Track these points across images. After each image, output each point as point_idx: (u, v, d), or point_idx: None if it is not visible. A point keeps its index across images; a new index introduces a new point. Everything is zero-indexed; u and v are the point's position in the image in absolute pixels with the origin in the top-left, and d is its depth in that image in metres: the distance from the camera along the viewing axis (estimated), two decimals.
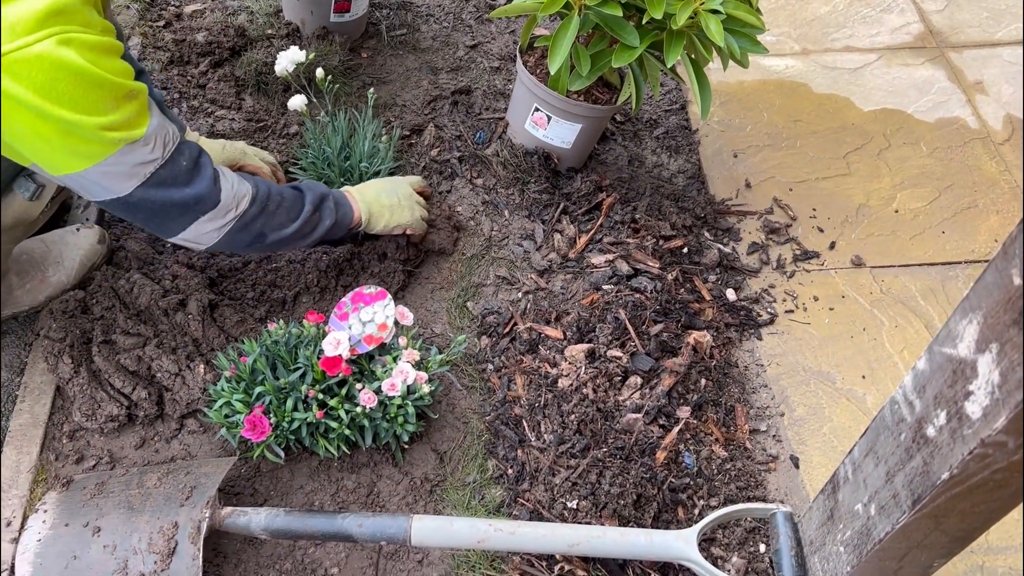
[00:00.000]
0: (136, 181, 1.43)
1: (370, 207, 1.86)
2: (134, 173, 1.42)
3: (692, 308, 1.99)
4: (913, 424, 1.08)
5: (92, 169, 1.37)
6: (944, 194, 2.39)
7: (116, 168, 1.39)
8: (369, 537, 1.47)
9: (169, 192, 1.48)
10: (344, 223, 1.80)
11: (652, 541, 1.47)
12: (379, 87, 2.48)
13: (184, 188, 1.50)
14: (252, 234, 1.64)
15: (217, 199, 1.54)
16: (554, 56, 1.87)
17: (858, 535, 1.25)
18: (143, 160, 1.42)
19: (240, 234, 1.61)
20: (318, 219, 1.74)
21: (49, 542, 1.55)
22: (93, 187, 1.43)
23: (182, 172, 1.49)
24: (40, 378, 1.79)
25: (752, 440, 1.84)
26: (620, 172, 2.34)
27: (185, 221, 1.54)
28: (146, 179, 1.43)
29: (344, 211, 1.80)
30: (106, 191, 1.43)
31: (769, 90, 2.66)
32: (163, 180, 1.46)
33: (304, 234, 1.72)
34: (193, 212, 1.53)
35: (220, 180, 1.56)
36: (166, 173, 1.46)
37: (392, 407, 1.65)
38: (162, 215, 1.51)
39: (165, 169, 1.45)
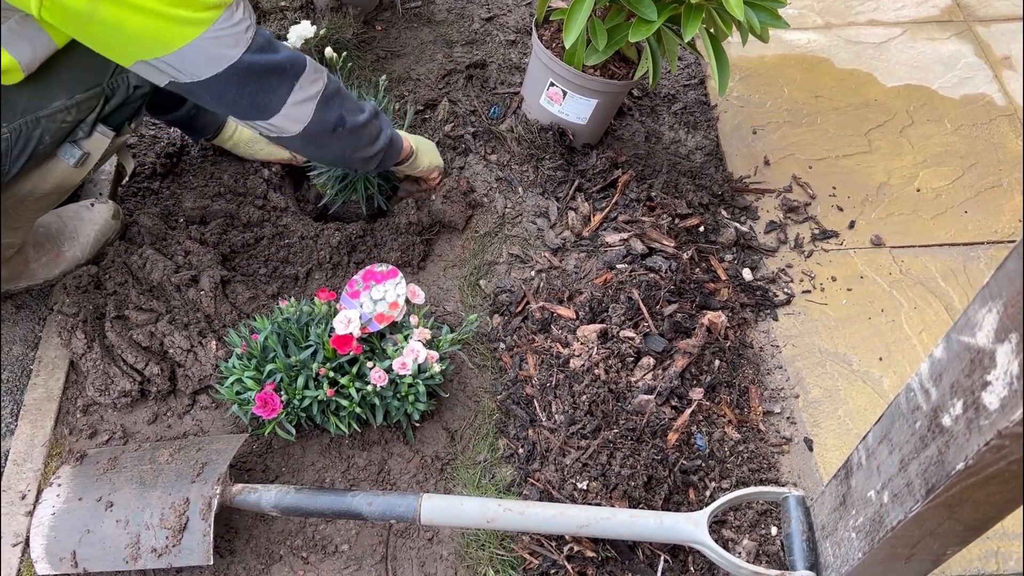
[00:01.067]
0: (242, 47, 1.42)
1: (416, 144, 1.95)
2: (239, 39, 1.41)
3: (707, 288, 1.96)
4: (929, 413, 1.06)
5: (203, 38, 1.35)
6: (968, 173, 2.34)
7: (223, 34, 1.38)
8: (379, 515, 1.47)
9: (269, 57, 1.48)
10: (397, 148, 1.85)
11: (662, 523, 1.47)
12: (393, 60, 2.45)
13: (277, 53, 1.50)
14: (335, 114, 1.64)
15: (303, 62, 1.55)
16: (570, 30, 1.84)
17: (870, 522, 1.24)
18: (243, 25, 1.41)
19: (326, 112, 1.61)
20: (380, 126, 1.77)
21: (63, 516, 1.56)
22: (201, 62, 1.40)
23: (269, 40, 1.50)
24: (54, 352, 1.80)
25: (766, 422, 1.83)
26: (636, 148, 2.31)
27: (284, 90, 1.53)
28: (250, 43, 1.43)
29: (397, 137, 1.84)
30: (217, 62, 1.41)
31: (790, 65, 2.61)
32: (261, 46, 1.46)
33: (372, 136, 1.74)
34: (289, 76, 1.53)
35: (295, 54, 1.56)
36: (262, 39, 1.47)
37: (403, 386, 1.64)
38: (266, 84, 1.50)
39: (260, 35, 1.46)
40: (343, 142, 1.70)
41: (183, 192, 2.09)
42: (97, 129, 1.62)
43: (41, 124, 1.52)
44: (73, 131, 1.59)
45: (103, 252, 1.93)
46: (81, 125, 1.59)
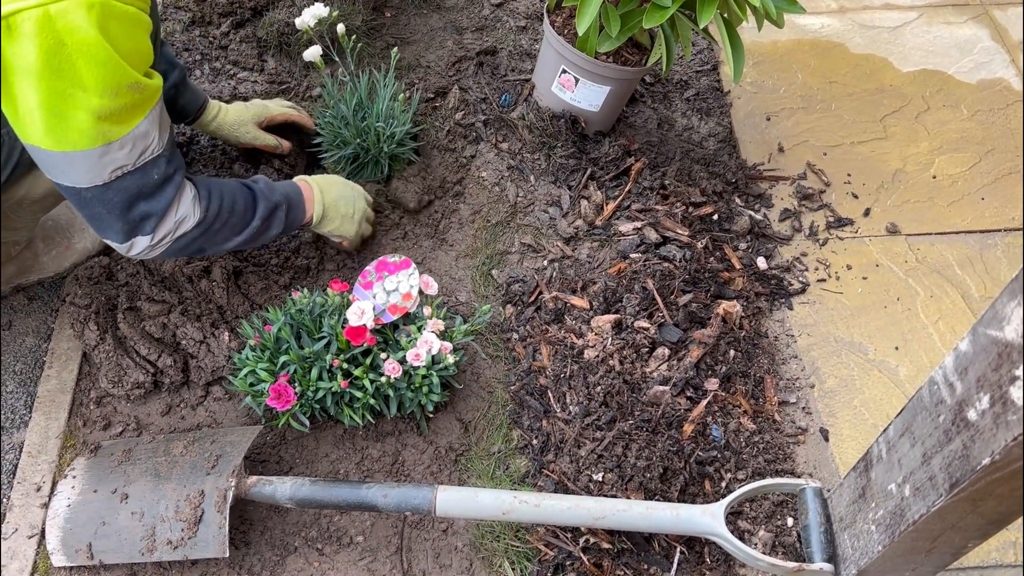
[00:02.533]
0: (98, 180, 1.36)
1: (326, 209, 1.78)
2: (98, 172, 1.35)
3: (722, 277, 1.95)
4: (953, 406, 1.05)
5: (60, 154, 1.31)
6: (984, 159, 2.31)
7: (84, 161, 1.33)
8: (394, 507, 1.47)
9: (122, 200, 1.40)
10: (292, 227, 1.73)
11: (679, 515, 1.46)
12: (403, 47, 2.43)
13: (139, 202, 1.42)
14: (191, 250, 1.56)
15: (163, 218, 1.47)
16: (582, 16, 1.81)
17: (891, 515, 1.23)
18: (115, 163, 1.35)
19: (177, 250, 1.54)
20: (264, 228, 1.65)
21: (78, 507, 1.56)
22: (54, 168, 1.36)
23: (145, 185, 1.41)
24: (67, 344, 1.80)
25: (781, 412, 1.81)
26: (649, 136, 2.29)
27: (125, 231, 1.45)
28: (108, 181, 1.36)
29: (295, 215, 1.71)
30: (64, 176, 1.36)
31: (804, 50, 2.58)
32: (124, 188, 1.39)
33: (246, 243, 1.65)
34: (138, 228, 1.46)
35: (175, 203, 1.48)
36: (132, 182, 1.39)
37: (417, 377, 1.64)
38: (107, 219, 1.43)
39: (132, 177, 1.39)
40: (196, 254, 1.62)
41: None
42: None
43: None
44: None
45: None
46: None
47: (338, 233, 1.83)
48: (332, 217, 1.80)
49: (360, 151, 2.01)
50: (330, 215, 1.79)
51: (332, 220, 1.80)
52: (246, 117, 1.99)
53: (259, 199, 1.63)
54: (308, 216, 1.75)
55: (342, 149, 2.00)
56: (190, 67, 2.30)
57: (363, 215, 1.88)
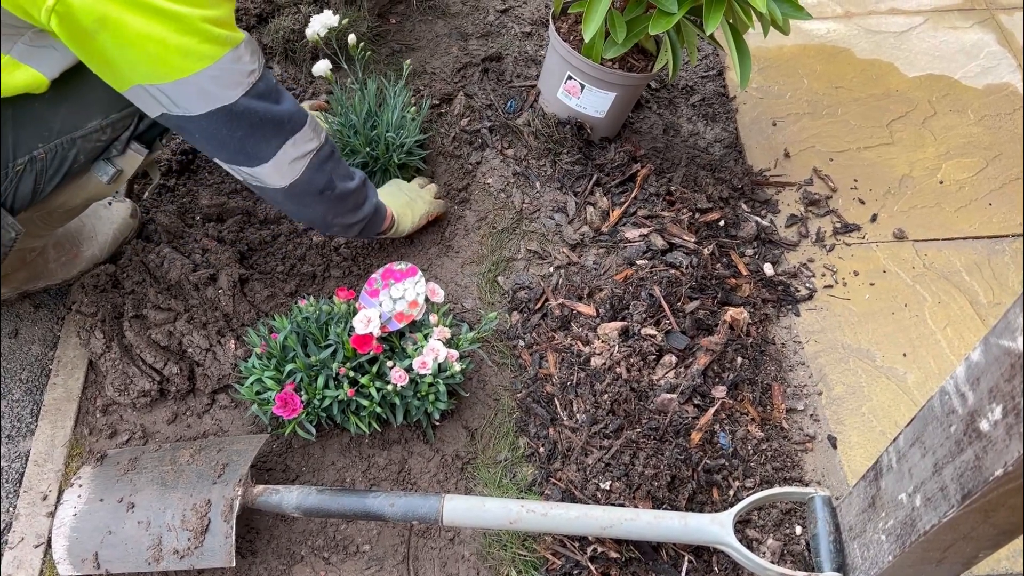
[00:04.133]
0: (242, 89, 1.39)
1: (399, 211, 1.88)
2: (239, 81, 1.39)
3: (728, 284, 1.94)
4: (965, 417, 1.04)
5: (203, 73, 1.33)
6: (992, 164, 2.30)
7: (225, 73, 1.36)
8: (400, 516, 1.46)
9: (267, 105, 1.45)
10: (380, 218, 1.80)
11: (687, 524, 1.45)
12: (408, 54, 2.43)
13: (278, 104, 1.47)
14: (325, 177, 1.60)
15: (303, 119, 1.52)
16: (588, 23, 1.81)
17: (901, 525, 1.22)
18: (247, 68, 1.39)
19: (316, 173, 1.58)
20: (366, 195, 1.72)
21: (85, 516, 1.56)
22: (198, 96, 1.37)
23: (273, 88, 1.47)
24: (73, 352, 1.80)
25: (789, 420, 1.81)
26: (655, 142, 2.28)
27: (277, 142, 1.50)
28: (249, 88, 1.40)
29: (382, 208, 1.80)
30: (213, 99, 1.38)
31: (810, 55, 2.57)
32: (262, 93, 1.43)
33: (356, 204, 1.70)
34: (285, 130, 1.50)
35: (298, 104, 1.54)
36: (264, 86, 1.44)
37: (423, 385, 1.63)
38: (259, 131, 1.47)
39: (263, 82, 1.43)
40: (327, 206, 1.66)
41: (199, 189, 2.08)
42: (131, 147, 1.61)
43: (77, 144, 1.51)
44: (107, 149, 1.58)
45: (121, 251, 1.92)
46: (115, 143, 1.58)
47: (418, 216, 1.95)
48: (401, 213, 1.90)
49: (370, 160, 2.01)
50: (398, 211, 1.89)
51: (404, 215, 1.91)
52: None
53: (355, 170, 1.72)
54: (390, 214, 1.85)
55: (351, 158, 2.00)
56: None
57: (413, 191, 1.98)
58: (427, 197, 2.00)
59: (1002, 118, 2.41)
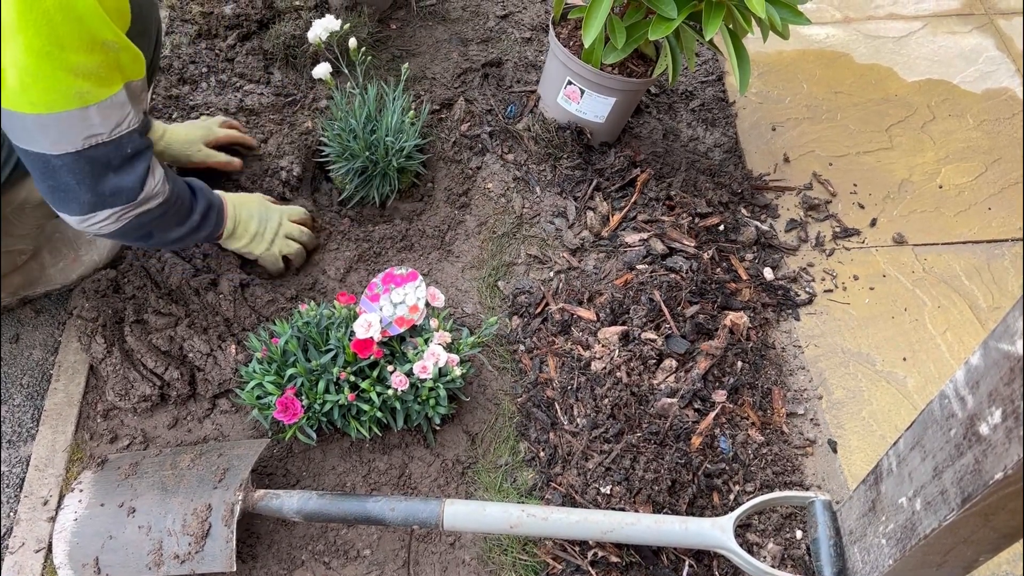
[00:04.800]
0: (71, 147, 1.31)
1: (236, 225, 1.77)
2: (72, 138, 1.30)
3: (728, 288, 1.94)
4: (965, 420, 1.04)
5: (32, 117, 1.26)
6: (991, 169, 2.31)
7: (57, 126, 1.28)
8: (401, 521, 1.46)
9: (96, 170, 1.36)
10: (214, 233, 1.73)
11: (687, 529, 1.45)
12: (408, 59, 2.43)
13: (110, 175, 1.38)
14: (141, 231, 1.52)
15: (134, 196, 1.43)
16: (588, 29, 1.81)
17: (902, 529, 1.22)
18: (90, 130, 1.31)
19: (131, 230, 1.50)
20: (199, 226, 1.65)
21: (85, 522, 1.56)
22: (24, 132, 1.30)
23: (118, 158, 1.38)
24: (74, 357, 1.80)
25: (789, 424, 1.81)
26: (655, 146, 2.29)
27: (91, 207, 1.41)
28: (80, 149, 1.32)
29: (218, 221, 1.72)
30: (34, 142, 1.31)
31: (809, 60, 2.58)
32: (97, 158, 1.34)
33: (182, 238, 1.64)
34: (106, 201, 1.41)
35: (147, 179, 1.45)
36: (104, 152, 1.35)
37: (424, 389, 1.63)
38: (73, 190, 1.37)
39: (106, 148, 1.35)
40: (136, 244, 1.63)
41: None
42: None
43: None
44: None
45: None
46: None
47: (246, 251, 1.82)
48: (240, 235, 1.79)
49: (369, 164, 2.01)
50: (238, 232, 1.78)
51: (240, 238, 1.79)
52: (194, 136, 1.98)
53: (198, 194, 1.64)
54: (223, 227, 1.74)
55: (351, 162, 2.01)
56: (196, 79, 2.31)
57: (276, 233, 1.84)
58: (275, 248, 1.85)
59: (1001, 122, 2.41)
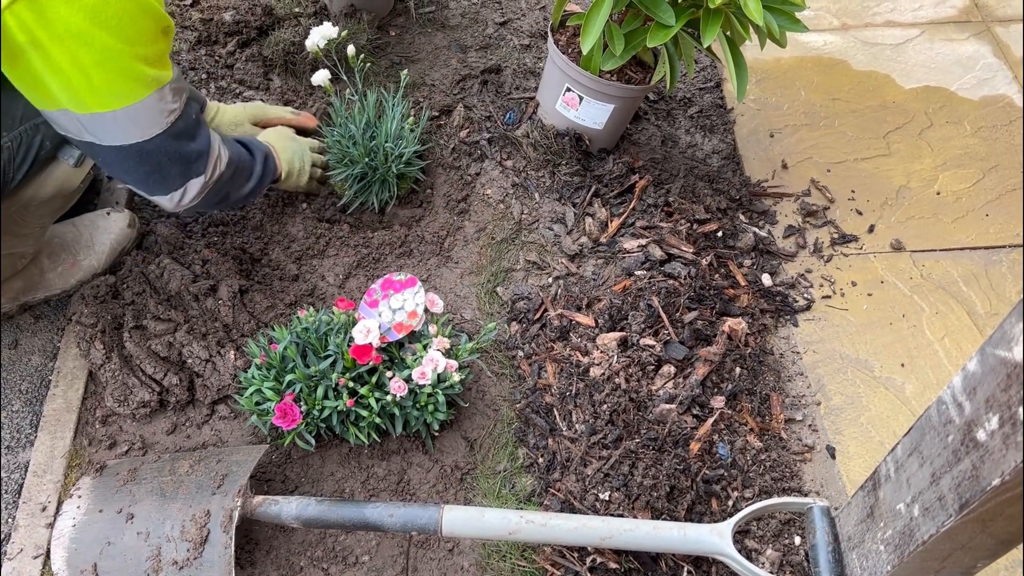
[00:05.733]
0: (158, 128, 1.40)
1: (287, 165, 1.91)
2: (158, 121, 1.40)
3: (727, 294, 1.95)
4: (962, 427, 1.04)
5: (123, 110, 1.34)
6: (988, 175, 2.31)
7: (145, 112, 1.36)
8: (400, 527, 1.46)
9: (180, 144, 1.46)
10: (273, 177, 1.85)
11: (686, 535, 1.45)
12: (407, 66, 2.44)
13: (191, 142, 1.49)
14: (220, 195, 1.64)
15: (207, 154, 1.54)
16: (587, 35, 1.82)
17: (900, 535, 1.22)
18: (168, 107, 1.39)
19: (212, 195, 1.61)
20: (263, 173, 1.76)
21: (84, 527, 1.56)
22: (114, 130, 1.38)
23: (191, 125, 1.48)
24: (73, 363, 1.80)
25: (787, 430, 1.81)
26: (653, 153, 2.29)
27: (183, 178, 1.52)
28: (167, 127, 1.41)
29: (273, 167, 1.84)
30: (128, 135, 1.39)
31: (807, 67, 2.59)
32: (179, 131, 1.44)
33: (252, 191, 1.74)
34: (193, 168, 1.52)
35: (212, 136, 1.56)
36: (183, 124, 1.44)
37: (422, 395, 1.64)
38: (167, 168, 1.48)
39: (182, 120, 1.45)
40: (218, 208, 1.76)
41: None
42: None
43: (40, 130, 1.53)
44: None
45: (120, 261, 1.92)
46: None
47: (294, 185, 1.97)
48: (290, 172, 1.93)
49: (368, 170, 2.01)
50: (290, 170, 1.92)
51: (290, 175, 1.93)
52: (243, 117, 2.04)
53: (252, 148, 1.75)
54: (279, 171, 1.88)
55: (350, 168, 2.01)
56: (196, 85, 2.31)
57: (310, 163, 2.00)
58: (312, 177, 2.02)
59: (998, 129, 2.42)
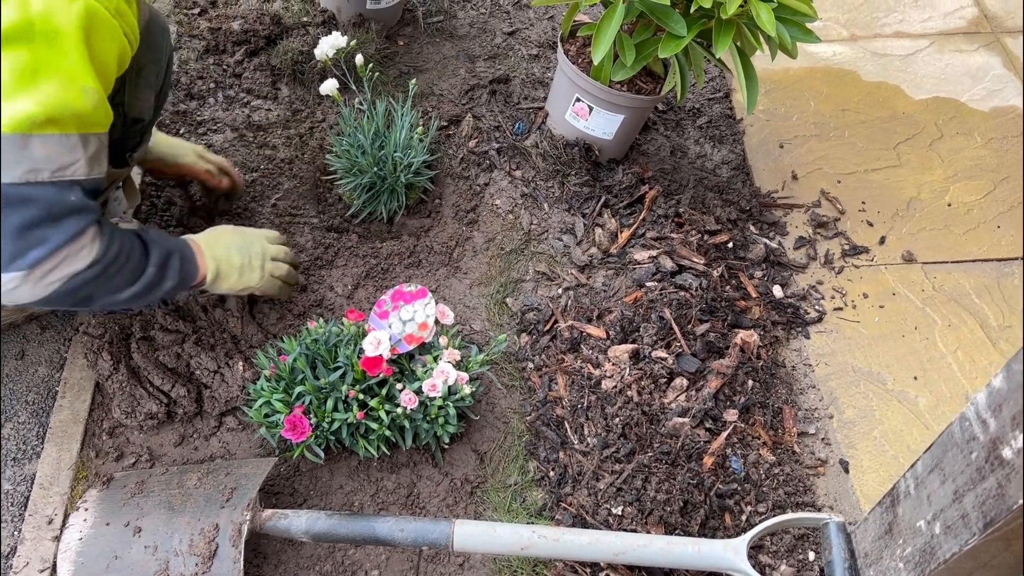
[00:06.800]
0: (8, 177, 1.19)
1: (219, 264, 1.60)
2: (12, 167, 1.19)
3: (738, 306, 1.93)
4: (987, 444, 1.03)
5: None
6: (1000, 187, 2.30)
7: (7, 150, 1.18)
8: (411, 542, 1.45)
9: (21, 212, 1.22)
10: (188, 282, 1.55)
11: (700, 551, 1.44)
12: (416, 76, 2.43)
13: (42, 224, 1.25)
14: (77, 297, 1.36)
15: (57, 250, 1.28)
16: (598, 46, 1.81)
17: (920, 552, 1.20)
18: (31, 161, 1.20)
19: (64, 296, 1.34)
20: (160, 278, 1.48)
21: (91, 541, 1.54)
22: None
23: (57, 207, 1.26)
24: (80, 374, 1.79)
25: (800, 443, 1.79)
26: (662, 163, 2.28)
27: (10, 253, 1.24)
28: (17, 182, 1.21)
29: (189, 268, 1.55)
30: None
31: (816, 78, 2.58)
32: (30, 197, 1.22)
33: (139, 296, 1.46)
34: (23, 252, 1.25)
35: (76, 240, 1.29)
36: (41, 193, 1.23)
37: (433, 408, 1.62)
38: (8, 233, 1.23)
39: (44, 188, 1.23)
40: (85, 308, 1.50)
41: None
42: None
43: None
44: None
45: None
46: None
47: (241, 287, 1.66)
48: (227, 272, 1.62)
49: (377, 180, 2.00)
50: (224, 270, 1.61)
51: (229, 275, 1.63)
52: (186, 147, 1.93)
53: (151, 245, 1.48)
54: (202, 272, 1.58)
55: (358, 177, 2.00)
56: (204, 94, 2.31)
57: (263, 257, 1.70)
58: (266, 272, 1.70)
59: (1009, 140, 2.41)
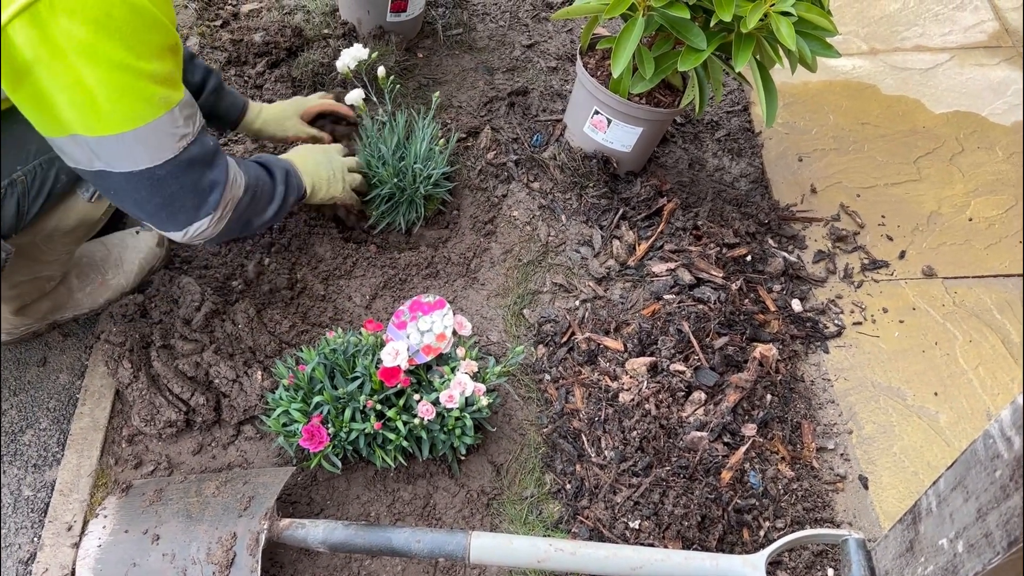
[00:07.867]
0: (169, 153, 1.33)
1: (313, 178, 1.80)
2: (169, 144, 1.32)
3: (757, 320, 1.93)
4: (1011, 462, 1.02)
5: (131, 133, 1.27)
6: (1021, 202, 2.28)
7: (155, 134, 1.30)
8: (427, 554, 1.44)
9: (194, 172, 1.39)
10: (299, 195, 1.74)
11: (718, 566, 1.42)
12: (435, 87, 2.45)
13: (207, 171, 1.42)
14: (241, 223, 1.57)
15: (224, 183, 1.46)
16: (617, 59, 1.82)
17: (942, 571, 1.19)
18: (180, 131, 1.33)
19: (233, 224, 1.54)
20: (285, 193, 1.68)
21: (109, 548, 1.55)
22: (123, 154, 1.30)
23: (207, 153, 1.41)
24: (100, 382, 1.80)
25: (819, 459, 1.78)
26: (680, 176, 2.28)
27: (196, 210, 1.43)
28: (178, 153, 1.34)
29: (298, 182, 1.74)
30: (137, 160, 1.31)
31: (835, 91, 2.57)
32: (192, 158, 1.37)
33: (278, 212, 1.66)
34: (208, 199, 1.44)
35: (230, 170, 1.49)
36: (196, 151, 1.38)
37: (450, 419, 1.62)
38: (180, 198, 1.40)
39: (196, 146, 1.37)
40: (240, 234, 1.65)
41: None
42: None
43: (55, 164, 1.49)
44: None
45: (148, 280, 1.93)
46: None
47: (330, 196, 1.85)
48: (319, 185, 1.81)
49: (396, 191, 2.01)
50: (317, 183, 1.80)
51: (320, 187, 1.82)
52: (289, 111, 2.03)
53: (269, 166, 1.66)
54: (305, 184, 1.76)
55: (378, 188, 2.01)
56: None
57: (343, 170, 1.88)
58: (347, 184, 1.90)
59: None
